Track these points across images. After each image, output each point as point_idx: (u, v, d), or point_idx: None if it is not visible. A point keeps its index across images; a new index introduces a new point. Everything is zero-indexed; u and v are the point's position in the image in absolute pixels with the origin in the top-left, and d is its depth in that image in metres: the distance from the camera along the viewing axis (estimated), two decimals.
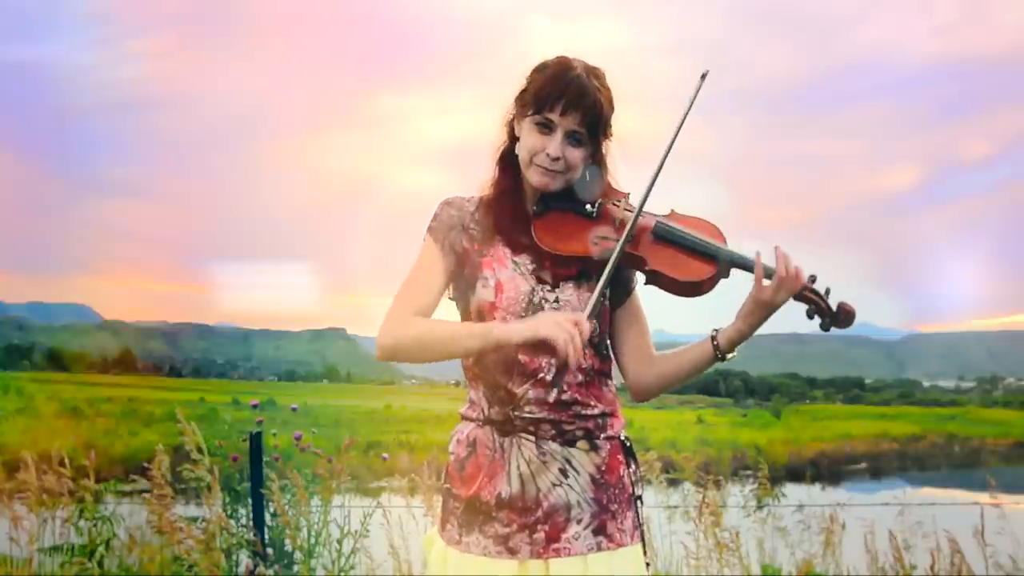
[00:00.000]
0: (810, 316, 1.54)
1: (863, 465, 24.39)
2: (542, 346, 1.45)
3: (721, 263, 1.55)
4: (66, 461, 4.12)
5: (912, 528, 3.97)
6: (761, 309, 1.54)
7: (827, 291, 1.53)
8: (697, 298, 1.57)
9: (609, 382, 1.64)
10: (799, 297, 1.53)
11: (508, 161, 1.64)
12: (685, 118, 1.55)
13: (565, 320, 1.44)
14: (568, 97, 1.54)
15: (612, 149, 1.64)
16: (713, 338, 1.58)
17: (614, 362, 1.68)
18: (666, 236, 1.58)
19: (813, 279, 1.53)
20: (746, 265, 1.55)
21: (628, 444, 1.65)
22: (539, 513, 1.56)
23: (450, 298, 1.68)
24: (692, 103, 1.55)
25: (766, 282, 1.52)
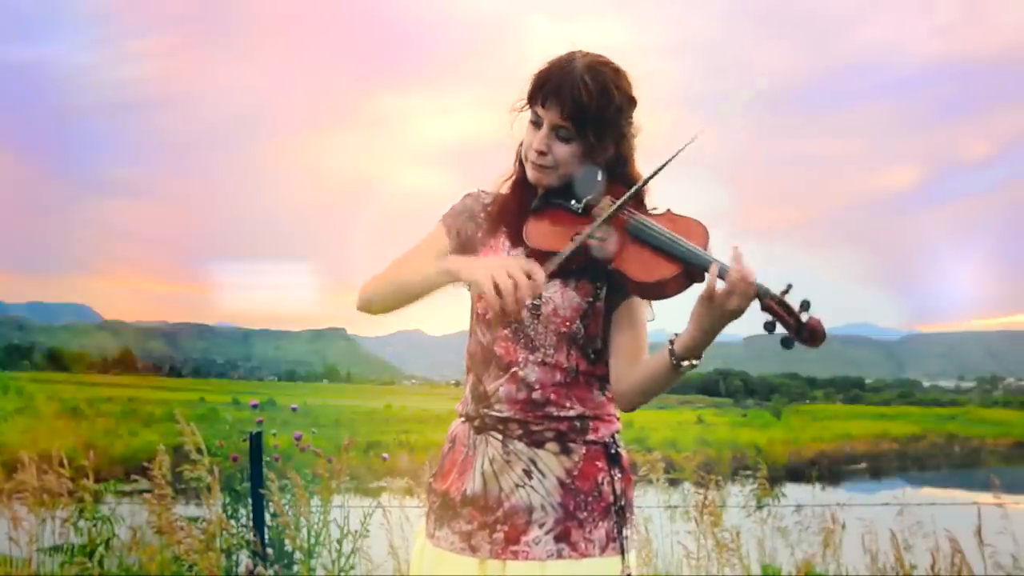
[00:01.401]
0: (768, 329, 1.36)
1: (863, 465, 24.38)
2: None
3: (688, 264, 1.44)
4: (65, 461, 4.12)
5: (912, 528, 3.97)
6: (709, 311, 1.39)
7: (804, 304, 1.35)
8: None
9: (607, 386, 1.59)
10: (762, 306, 1.37)
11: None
12: (673, 158, 1.50)
13: (517, 267, 1.39)
14: (547, 90, 1.51)
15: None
16: (671, 342, 1.45)
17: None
18: (638, 234, 1.51)
19: (787, 289, 1.36)
20: (703, 266, 1.42)
21: (614, 451, 1.58)
22: (499, 513, 1.54)
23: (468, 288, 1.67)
24: (679, 152, 1.49)
25: (720, 284, 1.38)
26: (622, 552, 1.54)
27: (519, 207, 1.61)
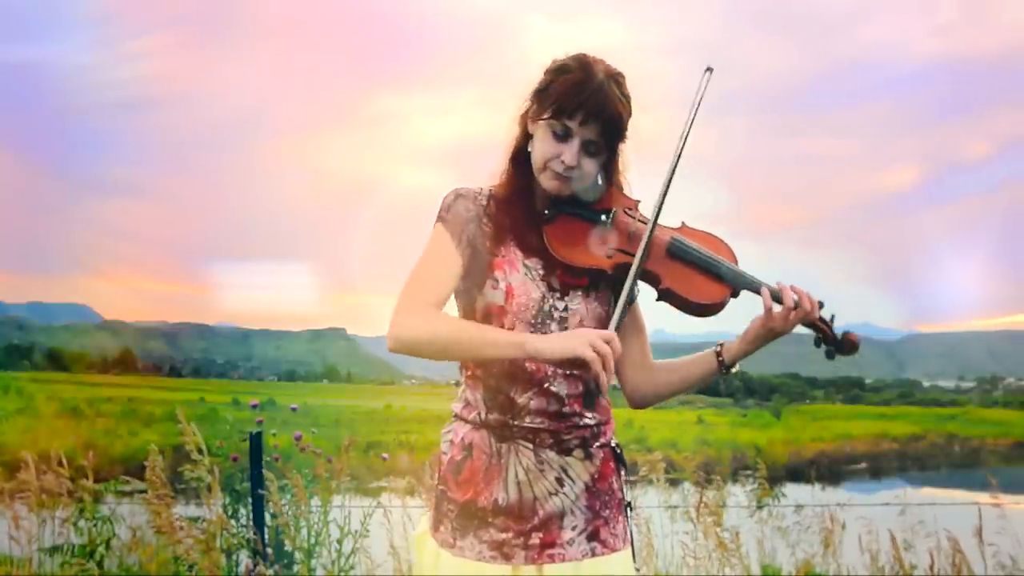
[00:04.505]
0: (817, 344, 1.58)
1: (863, 465, 24.36)
2: (574, 363, 1.44)
3: (734, 286, 1.57)
4: (65, 461, 4.12)
5: (912, 528, 3.97)
6: (770, 334, 1.58)
7: (831, 318, 1.58)
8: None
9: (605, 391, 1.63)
10: (809, 324, 1.57)
11: (521, 158, 1.60)
12: (692, 120, 1.54)
13: (598, 337, 1.41)
14: (588, 108, 1.50)
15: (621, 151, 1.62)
16: (718, 353, 1.61)
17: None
18: (680, 254, 1.58)
19: (820, 306, 1.56)
20: (756, 289, 1.57)
21: (619, 451, 1.65)
22: (535, 521, 1.56)
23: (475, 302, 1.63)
24: (698, 104, 1.54)
25: (777, 309, 1.55)
26: (632, 542, 1.65)
27: (525, 216, 1.59)
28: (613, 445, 1.64)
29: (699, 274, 1.57)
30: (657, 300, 1.59)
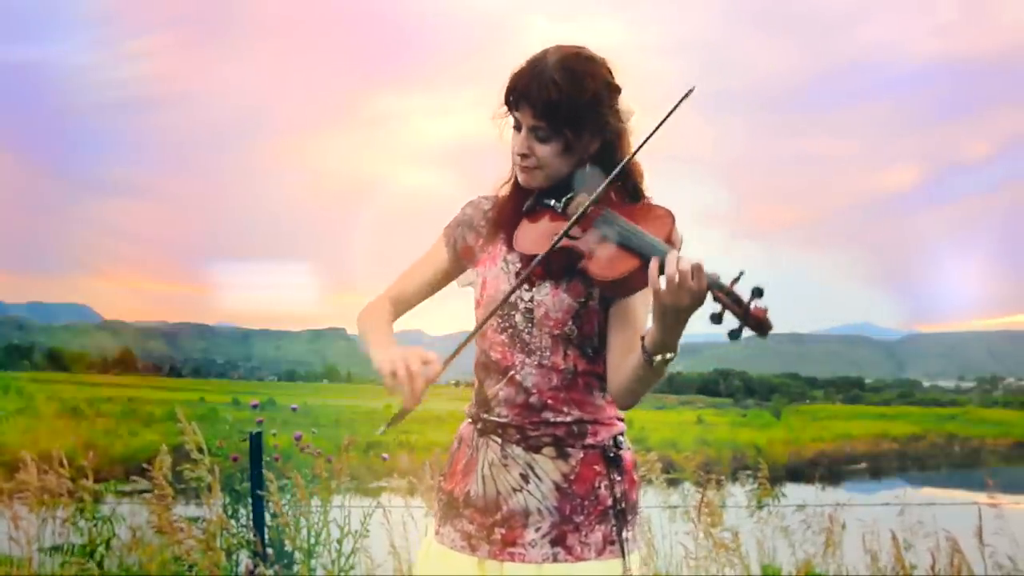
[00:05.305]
0: (715, 320, 1.29)
1: (863, 465, 24.38)
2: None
3: (646, 258, 1.37)
4: (65, 461, 4.12)
5: (912, 528, 3.97)
6: (667, 309, 1.33)
7: (756, 291, 1.26)
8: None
9: (605, 386, 1.58)
10: (713, 297, 1.30)
11: None
12: (662, 123, 1.45)
13: (414, 357, 1.41)
14: (517, 91, 1.50)
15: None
16: (642, 339, 1.41)
17: None
18: (604, 230, 1.46)
19: (737, 277, 1.29)
20: (659, 258, 1.35)
21: (612, 455, 1.56)
22: (498, 515, 1.56)
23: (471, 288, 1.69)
24: (671, 113, 1.44)
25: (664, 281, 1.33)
26: (623, 554, 1.53)
27: (514, 211, 1.61)
28: (604, 446, 1.56)
29: (619, 250, 1.42)
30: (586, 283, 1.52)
